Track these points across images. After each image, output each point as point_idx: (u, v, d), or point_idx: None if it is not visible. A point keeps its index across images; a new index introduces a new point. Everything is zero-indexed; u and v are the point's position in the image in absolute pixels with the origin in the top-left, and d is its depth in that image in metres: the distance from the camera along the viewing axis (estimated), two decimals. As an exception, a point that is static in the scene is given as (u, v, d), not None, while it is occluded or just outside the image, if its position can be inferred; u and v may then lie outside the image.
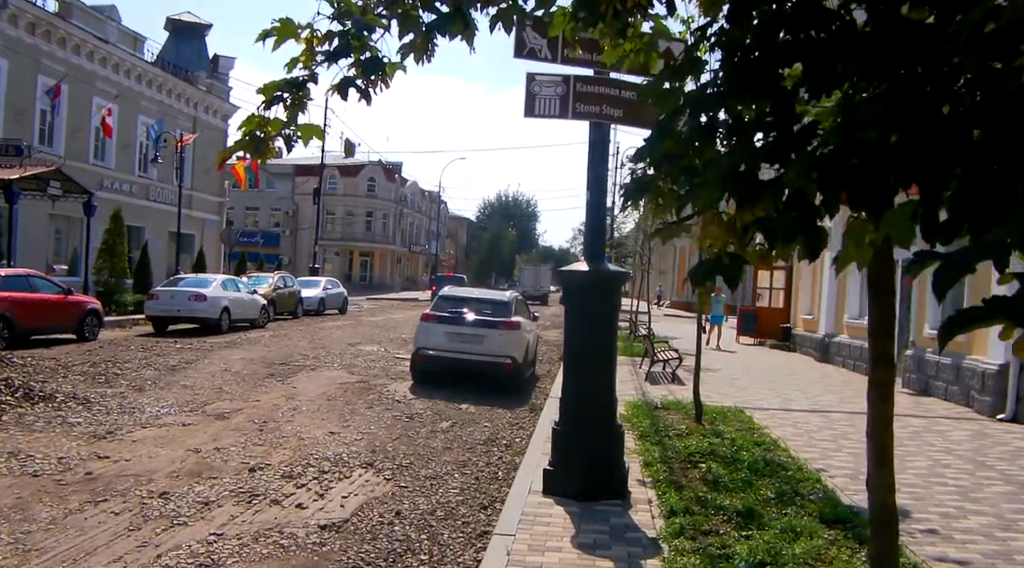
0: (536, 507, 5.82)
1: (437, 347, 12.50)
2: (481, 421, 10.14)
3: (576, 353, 6.16)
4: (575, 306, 6.17)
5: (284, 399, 10.80)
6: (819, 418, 10.40)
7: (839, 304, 18.68)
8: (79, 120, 26.51)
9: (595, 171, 6.25)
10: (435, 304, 13.25)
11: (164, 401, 10.11)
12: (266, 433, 8.56)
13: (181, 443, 7.86)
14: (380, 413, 10.17)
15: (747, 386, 13.68)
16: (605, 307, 6.06)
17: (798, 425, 9.81)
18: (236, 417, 9.38)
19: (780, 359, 19.65)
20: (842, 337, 18.22)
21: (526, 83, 6.19)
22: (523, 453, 8.19)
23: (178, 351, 15.47)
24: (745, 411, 10.37)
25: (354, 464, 7.45)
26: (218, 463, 7.17)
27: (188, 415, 9.33)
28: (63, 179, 20.27)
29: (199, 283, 20.08)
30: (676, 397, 11.40)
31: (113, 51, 28.00)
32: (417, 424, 9.65)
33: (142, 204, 30.61)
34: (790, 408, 11.25)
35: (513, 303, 13.26)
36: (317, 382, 12.51)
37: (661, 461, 7.23)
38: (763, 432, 9.03)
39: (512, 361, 12.29)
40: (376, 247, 70.07)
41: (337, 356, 16.24)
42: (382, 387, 12.36)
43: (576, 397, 6.11)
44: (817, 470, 7.25)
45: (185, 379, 11.99)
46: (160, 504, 5.86)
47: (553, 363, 17.36)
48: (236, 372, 13.01)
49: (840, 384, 14.64)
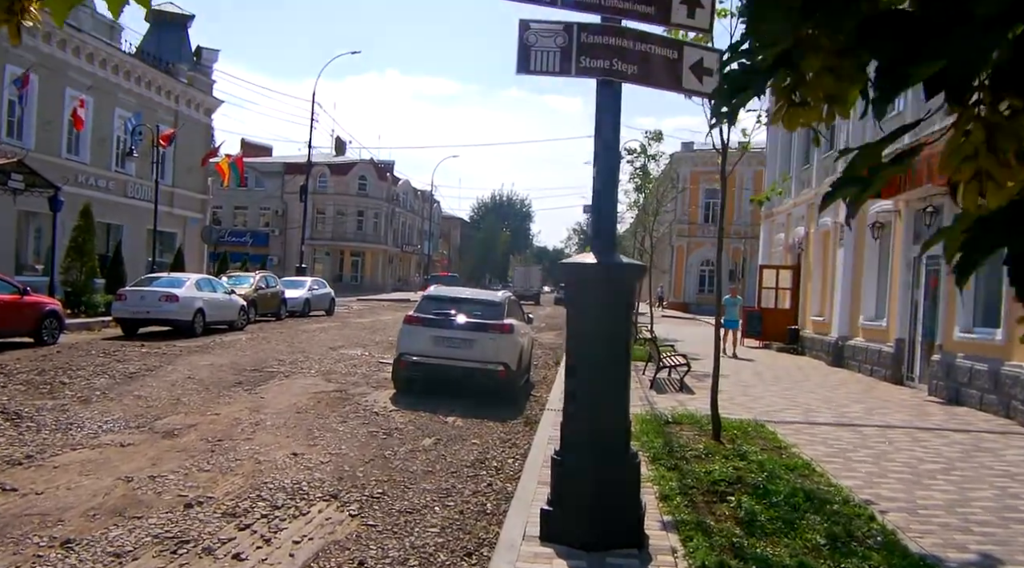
0: (532, 560, 4.64)
1: (421, 352, 11.31)
2: (469, 437, 8.97)
3: (580, 365, 4.98)
4: (579, 307, 5.00)
5: (248, 412, 9.59)
6: (850, 434, 9.24)
7: (854, 305, 17.54)
8: (50, 112, 25.17)
9: (604, 139, 5.07)
10: (420, 305, 12.05)
11: (109, 415, 8.89)
12: (217, 455, 7.36)
13: (113, 469, 6.65)
14: (354, 428, 8.97)
15: (761, 395, 12.53)
16: (617, 308, 4.89)
17: (829, 442, 8.64)
18: (187, 434, 8.17)
19: (790, 363, 18.50)
20: (857, 340, 17.08)
21: (519, 32, 5.02)
22: (516, 479, 7.02)
23: (142, 356, 14.24)
24: (767, 426, 9.22)
25: (315, 496, 6.25)
26: (149, 496, 5.96)
27: (132, 433, 8.11)
28: (26, 172, 19.00)
29: (171, 283, 18.82)
30: (687, 409, 10.24)
31: (87, 40, 26.69)
32: (396, 441, 8.46)
33: (119, 201, 29.27)
34: (815, 421, 10.09)
35: (506, 304, 12.06)
36: (289, 392, 11.31)
37: (681, 492, 6.06)
38: (792, 452, 7.87)
39: (505, 368, 11.11)
40: (367, 247, 68.77)
41: (316, 361, 15.04)
42: (360, 397, 11.16)
43: (580, 420, 4.94)
44: (865, 502, 6.09)
45: (141, 389, 10.77)
46: (59, 557, 4.66)
47: (549, 368, 16.19)
48: (200, 380, 11.80)
49: (861, 392, 13.49)
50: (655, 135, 21.27)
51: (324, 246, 66.74)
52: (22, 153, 20.50)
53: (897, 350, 14.94)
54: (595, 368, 4.92)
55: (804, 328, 21.52)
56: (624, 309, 4.93)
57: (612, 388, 4.95)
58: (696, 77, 5.30)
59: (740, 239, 42.57)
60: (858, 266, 17.43)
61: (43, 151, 24.88)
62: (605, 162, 5.07)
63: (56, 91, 25.55)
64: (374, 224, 68.81)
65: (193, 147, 33.91)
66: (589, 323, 4.89)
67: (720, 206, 8.70)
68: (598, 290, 4.84)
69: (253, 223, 65.27)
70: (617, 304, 4.86)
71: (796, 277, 22.77)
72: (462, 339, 11.20)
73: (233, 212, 65.75)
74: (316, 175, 64.22)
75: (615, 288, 4.86)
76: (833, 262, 19.17)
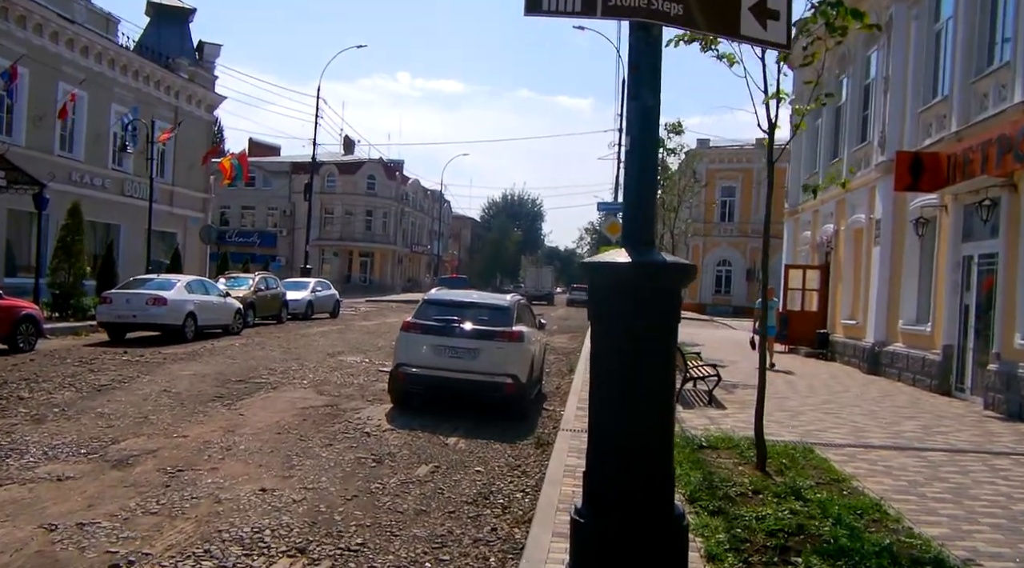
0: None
1: (421, 363, 10.12)
2: (472, 463, 7.78)
3: (610, 396, 3.76)
4: (608, 320, 3.78)
5: (221, 433, 8.43)
6: (914, 460, 7.97)
7: (892, 307, 16.22)
8: (42, 107, 24.20)
9: (641, 104, 3.86)
10: (419, 310, 10.84)
11: (60, 438, 7.76)
12: (172, 491, 6.20)
13: (37, 513, 5.49)
14: (340, 454, 7.79)
15: (800, 409, 11.26)
16: (662, 322, 3.67)
17: (893, 472, 7.38)
18: (143, 463, 7.01)
19: (822, 371, 17.16)
20: (896, 346, 15.76)
21: (529, -42, 3.81)
22: (526, 522, 5.84)
23: (120, 365, 13.12)
24: (815, 450, 7.97)
25: (278, 550, 5.07)
26: (69, 553, 4.80)
27: (78, 461, 6.96)
28: (8, 168, 17.94)
29: (160, 285, 17.71)
30: (721, 428, 9.01)
31: (81, 32, 25.71)
32: (386, 470, 7.28)
33: (116, 200, 28.31)
34: (868, 443, 8.82)
35: (515, 309, 10.83)
36: (273, 407, 10.14)
37: (731, 548, 4.85)
38: (852, 486, 6.63)
39: (513, 381, 9.90)
40: (376, 247, 67.75)
41: (311, 369, 13.89)
42: (352, 413, 9.98)
43: (609, 468, 3.72)
44: (964, 562, 4.86)
45: (107, 404, 9.64)
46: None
47: (563, 376, 14.98)
48: (176, 394, 10.66)
49: (908, 405, 12.20)
50: (675, 127, 20.04)
51: (332, 246, 65.80)
52: (3, 148, 19.45)
53: (944, 358, 13.62)
54: (630, 400, 3.70)
55: (834, 332, 20.18)
56: (670, 323, 3.70)
57: (652, 426, 3.73)
58: (758, 21, 4.08)
59: (758, 237, 41.13)
60: (896, 266, 16.12)
61: (34, 147, 23.93)
62: (642, 132, 3.85)
63: (48, 85, 24.60)
64: (383, 224, 67.78)
65: (194, 144, 32.92)
66: (622, 342, 3.68)
67: (768, 192, 7.43)
68: (635, 298, 3.62)
69: (261, 223, 64.40)
70: (660, 316, 3.64)
71: (824, 278, 21.43)
72: (466, 348, 10.00)
73: (240, 212, 64.96)
74: (324, 174, 63.34)
75: (658, 296, 3.64)
76: (867, 261, 17.85)
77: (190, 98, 33.00)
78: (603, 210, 36.61)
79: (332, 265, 63.90)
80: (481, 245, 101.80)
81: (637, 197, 3.95)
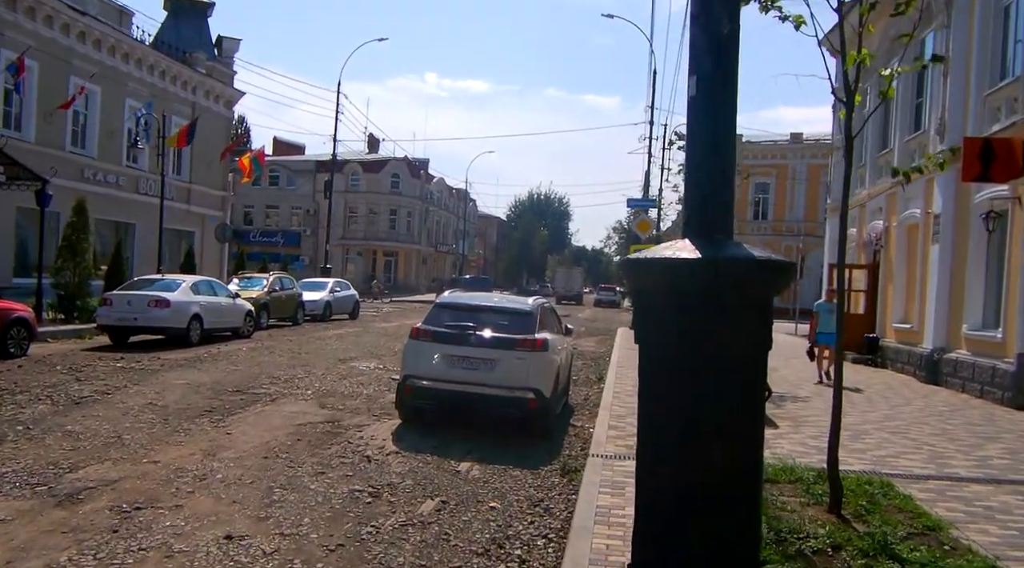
0: None
1: (431, 375, 8.94)
2: (486, 496, 6.60)
3: (674, 442, 2.57)
4: (663, 340, 2.58)
5: (199, 457, 7.34)
6: (1017, 499, 6.64)
7: (953, 311, 14.76)
8: (53, 102, 23.42)
9: (712, 29, 2.66)
10: (430, 315, 9.66)
11: (12, 465, 6.71)
12: (118, 539, 5.09)
13: (-62, 573, 4.41)
14: (332, 485, 6.65)
15: (861, 426, 9.90)
16: (749, 340, 2.47)
17: (996, 516, 6.07)
18: (96, 499, 5.93)
19: (875, 380, 15.70)
20: (960, 353, 14.30)
21: None
22: (548, 586, 4.65)
23: (111, 373, 12.14)
24: (895, 485, 6.69)
25: (226, 631, 3.93)
26: (-49, 640, 3.70)
27: (19, 496, 5.89)
28: (7, 163, 17.09)
29: (164, 286, 16.77)
30: (777, 454, 7.74)
31: (93, 25, 24.95)
32: (384, 508, 6.12)
33: (131, 197, 27.55)
34: (954, 474, 7.50)
35: (537, 313, 9.61)
36: (266, 423, 9.05)
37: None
38: (951, 536, 5.35)
39: (536, 395, 8.69)
40: (400, 247, 66.92)
41: (317, 378, 12.81)
42: (355, 431, 8.85)
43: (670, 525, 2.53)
44: None
45: (80, 421, 8.60)
46: None
47: (591, 385, 13.75)
48: (162, 407, 9.61)
49: (984, 421, 10.79)
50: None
51: (356, 246, 65.09)
52: (2, 141, 18.62)
53: (1018, 367, 12.18)
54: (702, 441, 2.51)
55: (884, 337, 18.71)
56: (762, 338, 2.51)
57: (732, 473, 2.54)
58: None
59: (795, 236, 39.45)
60: (959, 265, 14.66)
61: (44, 143, 23.21)
62: (716, 68, 2.65)
63: (59, 79, 23.85)
64: (407, 223, 66.93)
65: (212, 141, 32.09)
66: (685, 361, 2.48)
67: (845, 171, 6.14)
68: (707, 310, 2.42)
69: (285, 223, 63.87)
70: (746, 336, 2.45)
71: (872, 278, 19.95)
72: (482, 359, 8.81)
73: (265, 211, 64.54)
74: (348, 173, 62.66)
75: (743, 306, 2.44)
76: (923, 260, 16.39)
77: (208, 93, 32.22)
78: (632, 207, 35.31)
79: (356, 265, 63.15)
80: (507, 244, 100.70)
81: (705, 166, 2.74)
